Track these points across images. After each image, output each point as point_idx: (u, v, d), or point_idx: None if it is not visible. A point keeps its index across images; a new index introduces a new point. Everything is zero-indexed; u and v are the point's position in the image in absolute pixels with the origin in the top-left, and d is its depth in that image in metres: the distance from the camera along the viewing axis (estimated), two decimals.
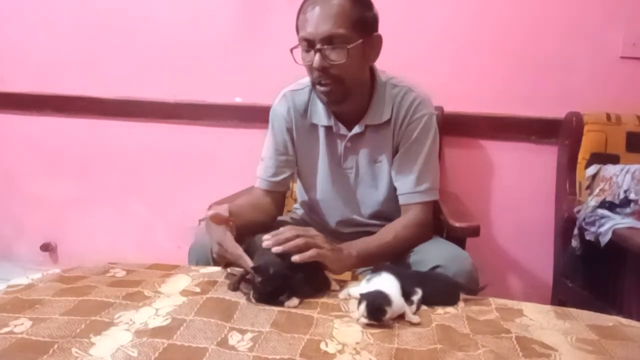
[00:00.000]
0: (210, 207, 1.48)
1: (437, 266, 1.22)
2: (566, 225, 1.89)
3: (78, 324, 0.91)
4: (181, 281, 1.11)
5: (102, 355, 0.81)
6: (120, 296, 1.04)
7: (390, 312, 0.98)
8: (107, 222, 2.37)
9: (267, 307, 1.01)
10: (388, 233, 1.33)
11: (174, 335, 0.88)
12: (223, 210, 1.16)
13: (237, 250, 1.09)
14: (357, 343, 0.89)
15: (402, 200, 1.40)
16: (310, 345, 0.88)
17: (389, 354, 0.87)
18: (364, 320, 0.96)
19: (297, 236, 1.10)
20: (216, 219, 1.14)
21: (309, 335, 0.91)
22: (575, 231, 1.72)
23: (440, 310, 1.07)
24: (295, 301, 1.04)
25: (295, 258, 1.08)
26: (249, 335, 0.90)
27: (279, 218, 1.54)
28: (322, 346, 0.88)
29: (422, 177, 1.38)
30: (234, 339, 0.89)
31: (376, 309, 0.97)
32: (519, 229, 2.12)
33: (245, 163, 1.66)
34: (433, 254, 1.26)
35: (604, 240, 1.50)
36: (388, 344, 0.90)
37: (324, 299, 1.08)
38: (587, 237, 1.61)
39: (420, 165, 1.38)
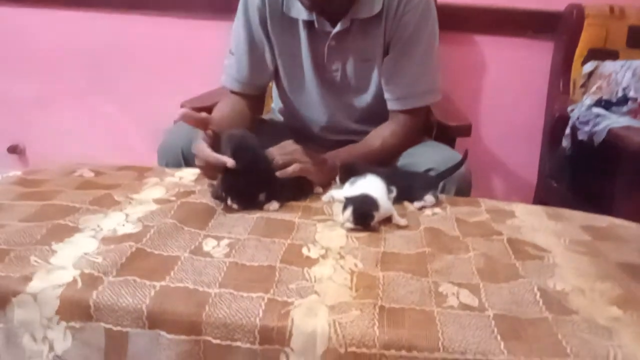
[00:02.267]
0: (182, 106, 1.37)
1: (429, 169, 1.15)
2: (556, 125, 1.83)
3: (38, 229, 0.83)
4: (156, 191, 1.03)
5: (63, 263, 0.74)
6: (87, 200, 0.96)
7: (377, 217, 0.92)
8: (77, 122, 2.24)
9: (246, 215, 0.94)
10: (374, 140, 1.24)
11: (143, 240, 0.81)
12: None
13: (210, 153, 0.99)
14: (342, 247, 0.84)
15: (393, 105, 1.26)
16: (291, 250, 0.82)
17: (374, 258, 0.82)
18: (350, 225, 0.90)
19: (274, 155, 1.02)
20: (188, 119, 1.03)
21: (290, 240, 0.85)
22: (567, 131, 1.65)
23: (428, 212, 1.02)
24: (275, 205, 0.98)
25: (278, 174, 1.00)
26: (225, 242, 0.84)
27: (261, 117, 1.44)
28: (304, 251, 0.82)
29: (420, 79, 1.24)
30: (209, 245, 0.82)
31: (363, 213, 0.90)
32: (507, 129, 2.06)
33: (221, 59, 1.52)
34: (425, 157, 1.19)
35: (598, 139, 1.44)
36: (374, 248, 0.85)
37: (306, 203, 1.02)
38: (580, 137, 1.55)
39: (416, 65, 1.23)
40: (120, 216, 0.90)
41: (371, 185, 0.98)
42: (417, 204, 1.03)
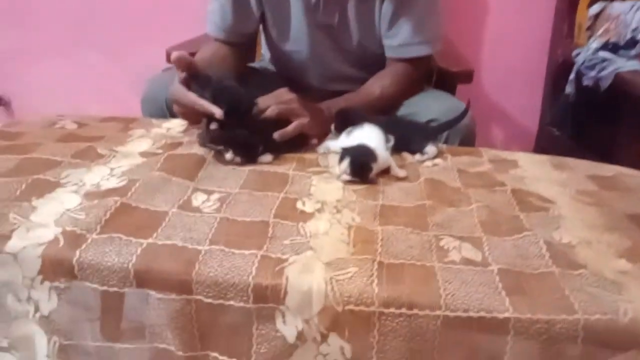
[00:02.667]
0: (168, 54, 1.29)
1: (431, 120, 1.10)
2: (559, 71, 1.77)
3: (17, 185, 0.79)
4: (142, 143, 0.98)
5: (44, 220, 0.70)
6: (69, 154, 0.91)
7: (375, 168, 0.88)
8: (62, 73, 2.15)
9: (237, 167, 0.89)
10: (373, 89, 1.16)
11: (129, 194, 0.77)
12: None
13: (196, 99, 0.92)
14: (338, 201, 0.80)
15: (393, 53, 1.19)
16: (285, 204, 0.78)
17: (372, 211, 0.78)
18: (346, 177, 0.86)
19: (269, 106, 0.96)
20: (181, 62, 0.95)
21: (284, 194, 0.81)
22: (572, 76, 1.59)
23: (428, 162, 0.97)
24: (268, 157, 0.93)
25: (275, 136, 0.94)
26: (215, 196, 0.80)
27: (250, 65, 1.37)
28: (299, 205, 0.78)
29: (423, 26, 1.15)
30: (198, 199, 0.78)
31: (361, 165, 0.86)
32: (508, 75, 1.99)
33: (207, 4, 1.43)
34: (427, 107, 1.13)
35: (605, 84, 1.39)
36: (372, 201, 0.81)
37: (301, 155, 0.97)
38: (585, 83, 1.49)
39: (419, 11, 1.14)
40: (104, 170, 0.86)
41: (369, 135, 0.93)
42: (418, 157, 0.98)
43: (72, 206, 0.74)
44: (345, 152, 0.88)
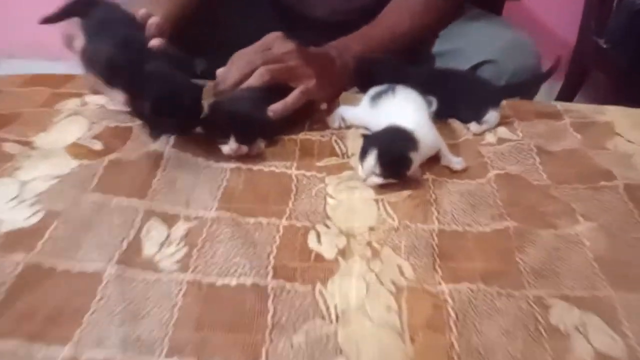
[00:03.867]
0: None
1: (486, 62, 0.78)
2: None
3: None
4: (72, 127, 0.66)
5: None
6: None
7: (417, 160, 0.58)
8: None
9: (212, 163, 0.60)
10: (401, 20, 0.81)
11: (39, 245, 0.48)
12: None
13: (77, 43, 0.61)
14: (372, 229, 0.52)
15: None
16: (289, 241, 0.50)
17: (427, 248, 0.50)
18: (375, 180, 0.57)
19: (255, 64, 0.64)
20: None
21: (286, 219, 0.53)
22: None
23: (491, 137, 0.68)
24: (260, 145, 0.63)
25: (272, 113, 0.63)
26: (180, 229, 0.51)
27: None
28: (312, 242, 0.50)
29: None
30: (152, 240, 0.49)
31: (396, 160, 0.56)
32: None
33: None
34: (476, 42, 0.80)
35: None
36: (422, 224, 0.53)
37: (304, 134, 0.67)
38: None
39: None
40: (10, 189, 0.56)
41: (404, 106, 0.62)
42: (474, 127, 0.68)
43: None
44: (370, 140, 0.58)
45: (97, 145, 0.63)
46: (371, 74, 0.70)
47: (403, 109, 0.61)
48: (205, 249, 0.49)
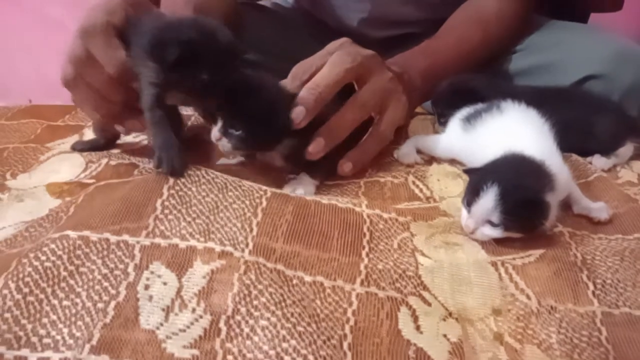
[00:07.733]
0: None
1: (588, 77, 0.60)
2: None
3: None
4: (64, 165, 0.50)
5: None
6: None
7: (556, 203, 0.40)
8: (18, 27, 1.67)
9: (243, 184, 0.42)
10: (470, 31, 0.66)
11: None
12: None
13: (119, 54, 0.44)
14: (496, 312, 0.33)
15: None
16: (370, 326, 0.31)
17: (593, 343, 0.31)
18: (490, 233, 0.38)
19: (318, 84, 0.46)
20: None
21: (361, 286, 0.34)
22: None
23: (628, 174, 0.49)
24: (310, 186, 0.45)
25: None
26: (197, 283, 0.32)
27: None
28: (406, 327, 0.31)
29: None
30: (153, 300, 0.31)
31: (528, 201, 0.38)
32: None
33: None
34: (574, 54, 0.62)
35: None
36: (575, 305, 0.33)
37: (370, 176, 0.49)
38: None
39: None
40: None
41: (522, 129, 0.44)
42: (599, 162, 0.50)
43: None
44: (485, 175, 0.39)
45: (89, 179, 0.46)
46: (469, 93, 0.52)
47: (521, 131, 0.43)
48: (238, 319, 0.30)
